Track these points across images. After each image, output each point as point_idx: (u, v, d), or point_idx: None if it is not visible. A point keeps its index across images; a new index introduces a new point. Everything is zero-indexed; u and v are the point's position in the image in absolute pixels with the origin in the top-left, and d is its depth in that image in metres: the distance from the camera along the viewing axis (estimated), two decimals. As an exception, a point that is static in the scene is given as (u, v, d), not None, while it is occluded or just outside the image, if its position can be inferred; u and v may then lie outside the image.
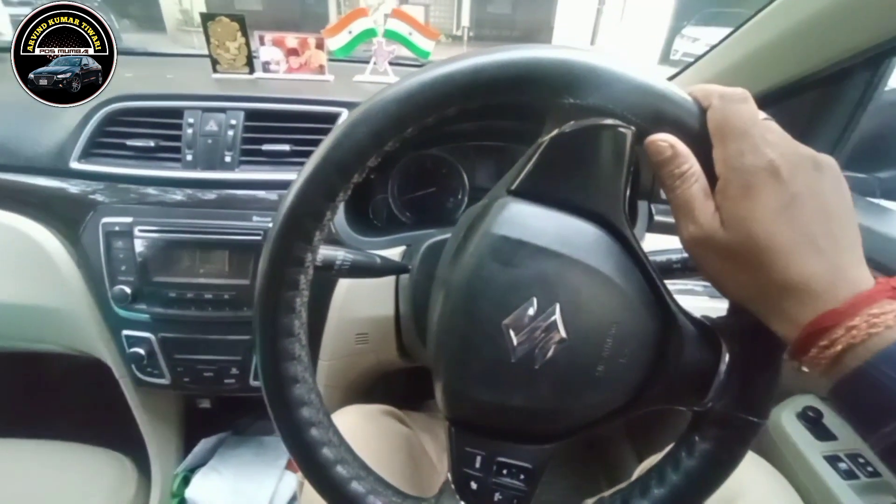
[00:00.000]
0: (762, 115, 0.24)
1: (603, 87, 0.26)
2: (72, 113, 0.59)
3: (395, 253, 0.58)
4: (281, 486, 0.79)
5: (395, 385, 0.81)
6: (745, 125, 0.23)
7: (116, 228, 0.56)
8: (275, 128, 0.60)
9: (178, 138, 0.59)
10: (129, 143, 0.58)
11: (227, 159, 0.58)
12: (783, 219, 0.22)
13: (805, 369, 0.23)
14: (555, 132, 0.27)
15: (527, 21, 10.63)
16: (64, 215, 0.59)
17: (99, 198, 0.58)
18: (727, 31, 0.58)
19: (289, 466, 0.82)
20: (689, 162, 0.24)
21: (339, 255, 0.41)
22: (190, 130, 0.58)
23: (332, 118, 0.60)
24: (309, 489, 0.44)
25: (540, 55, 0.26)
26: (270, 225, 0.33)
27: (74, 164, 0.58)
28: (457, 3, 10.81)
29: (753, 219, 0.22)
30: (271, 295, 0.29)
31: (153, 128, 0.59)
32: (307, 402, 0.31)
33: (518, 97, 0.27)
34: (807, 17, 0.47)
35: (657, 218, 0.62)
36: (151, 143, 0.58)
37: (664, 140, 0.25)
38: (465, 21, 10.88)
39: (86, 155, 0.58)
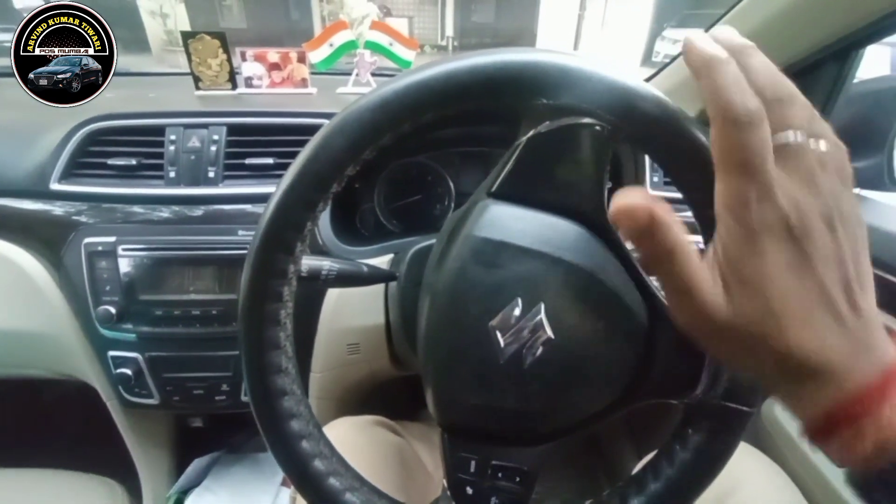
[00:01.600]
0: (794, 133, 0.19)
1: (575, 87, 0.26)
2: (52, 134, 0.59)
3: (383, 261, 0.58)
4: (277, 503, 0.78)
5: (390, 395, 0.80)
6: (754, 166, 0.18)
7: (99, 248, 0.56)
8: (258, 142, 0.60)
9: (160, 156, 0.58)
10: (111, 161, 0.58)
11: (211, 175, 0.58)
12: (797, 279, 0.18)
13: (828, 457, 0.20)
14: (531, 133, 0.27)
15: (510, 29, 10.79)
16: (45, 237, 0.58)
17: (81, 218, 0.58)
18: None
19: (284, 483, 0.81)
20: (674, 230, 0.20)
21: (325, 264, 0.41)
22: (172, 147, 0.58)
23: (314, 130, 0.59)
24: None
25: (511, 58, 0.26)
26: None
27: (55, 186, 0.57)
28: (440, 13, 10.96)
29: (763, 277, 0.19)
30: (255, 308, 0.29)
31: (135, 146, 0.59)
32: (296, 414, 0.31)
33: (492, 101, 0.27)
34: (775, 12, 0.48)
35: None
36: (133, 162, 0.58)
37: (636, 207, 0.20)
38: (450, 31, 11.03)
39: (66, 176, 0.58)
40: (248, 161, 0.59)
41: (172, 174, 0.58)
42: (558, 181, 0.28)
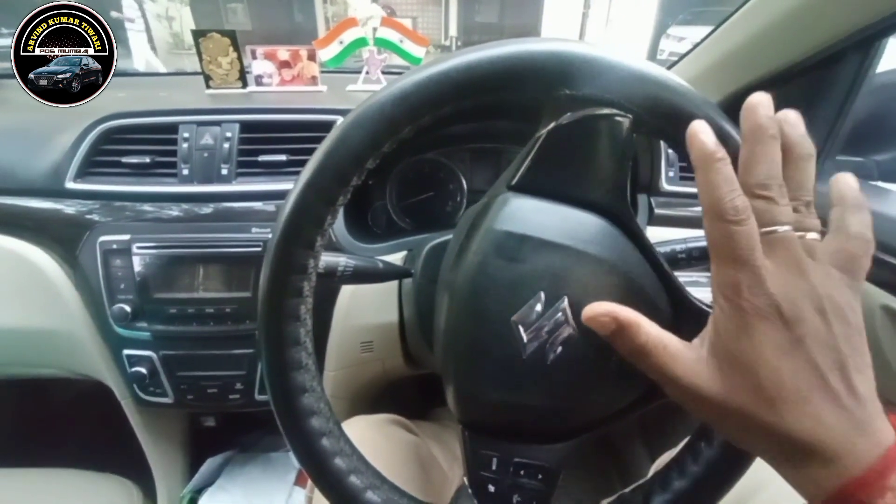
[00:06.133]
0: (784, 226, 0.20)
1: (597, 77, 0.26)
2: (66, 133, 0.59)
3: (396, 258, 0.57)
4: (290, 502, 0.78)
5: (402, 394, 0.80)
6: (744, 254, 0.20)
7: (114, 246, 0.56)
8: (270, 138, 0.60)
9: (173, 153, 0.58)
10: (125, 160, 0.58)
11: (224, 172, 0.58)
12: (790, 361, 0.19)
13: None
14: (551, 125, 0.27)
15: (514, 28, 10.76)
16: (61, 236, 0.58)
17: (96, 217, 0.58)
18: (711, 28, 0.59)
19: (298, 482, 0.81)
20: (643, 329, 0.22)
21: (342, 261, 0.41)
22: (185, 145, 0.58)
23: (327, 126, 0.60)
24: (318, 503, 0.43)
25: (532, 48, 0.26)
26: (270, 235, 0.31)
27: (70, 184, 0.57)
28: (444, 13, 10.96)
29: (756, 359, 0.19)
30: (275, 304, 0.29)
31: (148, 144, 0.59)
32: (316, 411, 0.31)
33: (513, 92, 0.26)
34: (796, 2, 0.47)
35: (658, 211, 0.61)
36: (147, 160, 0.58)
37: (599, 315, 0.23)
38: (453, 31, 11.02)
39: (81, 174, 0.58)
40: (261, 158, 0.59)
41: (186, 172, 0.58)
42: (580, 174, 0.28)
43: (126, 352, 0.60)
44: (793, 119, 0.21)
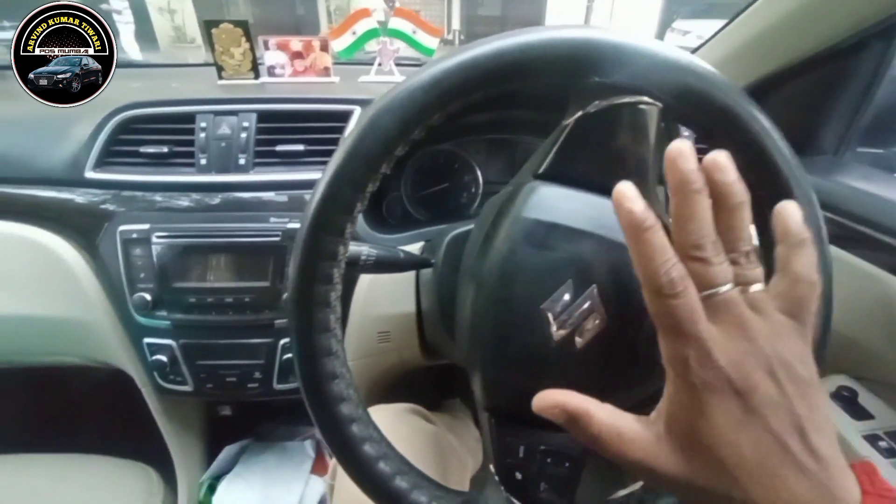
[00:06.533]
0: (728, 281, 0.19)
1: (627, 64, 0.25)
2: (84, 123, 0.59)
3: (413, 249, 0.57)
4: (307, 490, 0.79)
5: (416, 385, 0.80)
6: (687, 327, 0.19)
7: (134, 236, 0.56)
8: (288, 128, 0.60)
9: (191, 143, 0.58)
10: (143, 150, 0.58)
11: (242, 161, 0.58)
12: (748, 433, 0.18)
13: None
14: (579, 114, 0.27)
15: (517, 21, 10.65)
16: (81, 225, 0.59)
17: (115, 206, 0.58)
18: (718, 22, 0.58)
19: (314, 471, 0.82)
20: (595, 418, 0.21)
21: (364, 250, 0.41)
22: (203, 134, 0.58)
23: (344, 116, 0.60)
24: (341, 491, 0.44)
25: (563, 35, 0.26)
26: (289, 225, 0.31)
27: (89, 174, 0.58)
28: (447, 6, 10.84)
29: (714, 436, 0.19)
30: (306, 290, 0.29)
31: (166, 134, 0.59)
32: (346, 397, 0.31)
33: (543, 79, 0.26)
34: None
35: (674, 202, 0.61)
36: (165, 149, 0.58)
37: (547, 408, 0.22)
38: (456, 24, 10.91)
39: (100, 164, 0.58)
40: (278, 148, 0.59)
41: (203, 161, 0.58)
42: (608, 162, 0.28)
43: (146, 340, 0.61)
44: (721, 163, 0.20)
